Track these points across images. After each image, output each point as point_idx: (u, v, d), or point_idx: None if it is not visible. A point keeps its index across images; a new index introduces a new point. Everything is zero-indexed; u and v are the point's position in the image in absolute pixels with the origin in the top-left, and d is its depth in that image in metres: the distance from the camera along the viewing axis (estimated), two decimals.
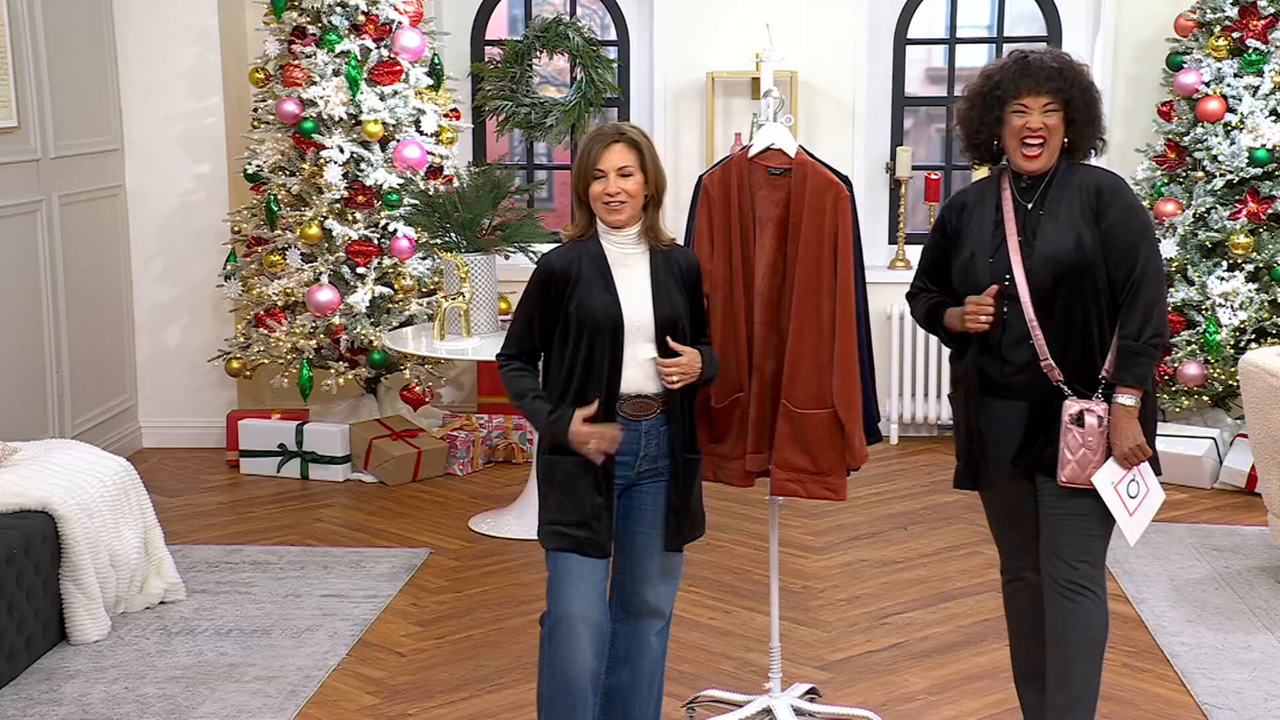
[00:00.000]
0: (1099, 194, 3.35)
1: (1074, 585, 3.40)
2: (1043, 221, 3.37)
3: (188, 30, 6.77)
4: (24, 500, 4.47)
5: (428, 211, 5.96)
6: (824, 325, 3.66)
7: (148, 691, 4.22)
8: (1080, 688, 3.43)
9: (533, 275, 3.39)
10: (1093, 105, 3.38)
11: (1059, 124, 3.36)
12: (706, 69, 7.02)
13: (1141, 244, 3.34)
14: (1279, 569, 5.16)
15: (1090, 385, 3.36)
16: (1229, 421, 6.50)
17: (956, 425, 3.59)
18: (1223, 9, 6.31)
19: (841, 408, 3.67)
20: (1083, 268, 3.32)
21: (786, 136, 3.69)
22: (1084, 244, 3.32)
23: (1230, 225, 6.22)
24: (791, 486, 3.73)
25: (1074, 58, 3.43)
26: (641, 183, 3.33)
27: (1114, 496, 3.35)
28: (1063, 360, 3.35)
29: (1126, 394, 3.33)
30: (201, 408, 7.01)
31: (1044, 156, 3.37)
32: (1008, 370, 3.41)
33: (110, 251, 6.75)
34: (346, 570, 5.25)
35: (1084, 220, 3.34)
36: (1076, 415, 3.32)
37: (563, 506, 3.36)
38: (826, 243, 3.64)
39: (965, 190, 3.58)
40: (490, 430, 6.78)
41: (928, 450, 6.97)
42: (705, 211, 3.73)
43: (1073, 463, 3.34)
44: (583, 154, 3.35)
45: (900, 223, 7.20)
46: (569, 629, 3.34)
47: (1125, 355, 3.32)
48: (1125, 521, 3.37)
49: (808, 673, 4.34)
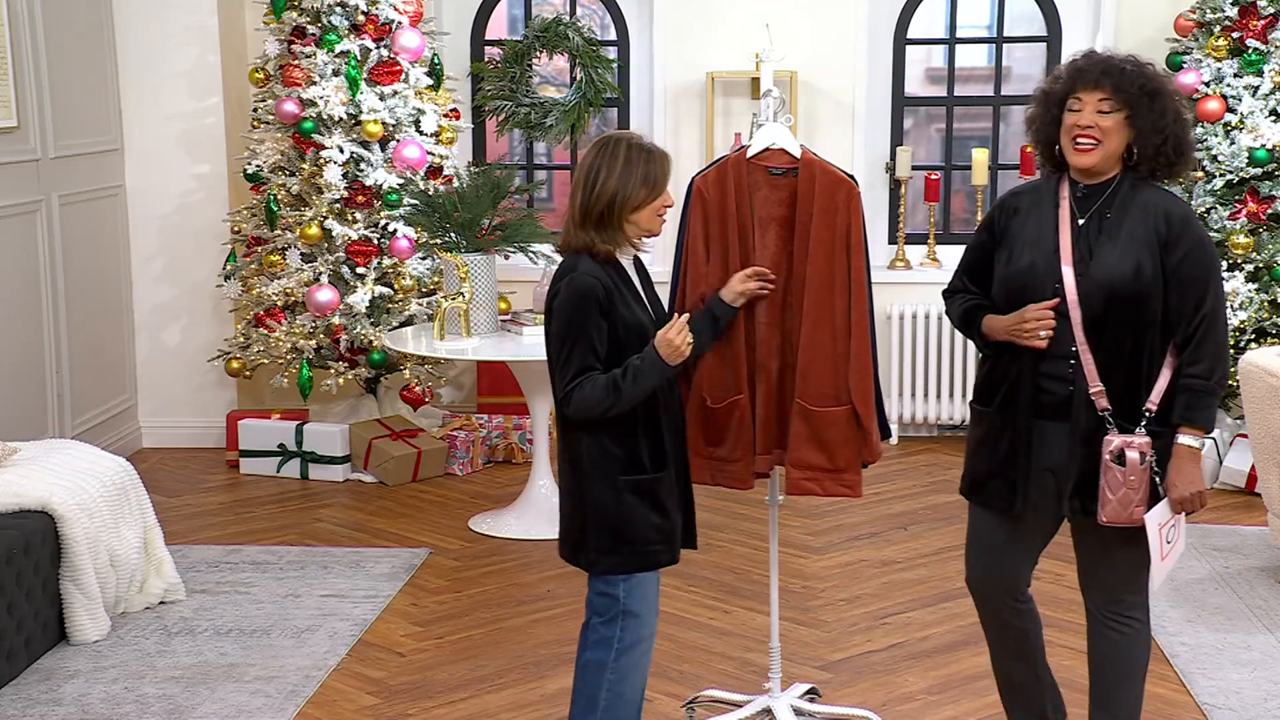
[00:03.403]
0: (1169, 221, 3.16)
1: (1119, 615, 3.35)
2: (1101, 240, 3.19)
3: (188, 30, 6.77)
4: (24, 500, 4.47)
5: (428, 211, 5.96)
6: (838, 322, 3.64)
7: (147, 691, 4.21)
8: (1125, 715, 3.41)
9: (576, 295, 3.19)
10: (1161, 115, 3.16)
11: (1116, 126, 3.17)
12: (706, 69, 7.02)
13: (1211, 279, 3.17)
14: (1279, 569, 5.16)
15: (1133, 418, 3.20)
16: (1229, 421, 6.50)
17: (982, 439, 3.39)
18: (1223, 9, 6.31)
19: (859, 403, 3.66)
20: (1139, 297, 3.14)
21: (788, 136, 3.69)
22: (1143, 273, 3.14)
23: (1230, 225, 6.22)
24: (809, 485, 3.70)
25: (1156, 68, 3.24)
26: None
27: (1157, 538, 3.21)
28: (1107, 388, 3.19)
29: (1193, 435, 3.17)
30: (201, 408, 7.01)
31: (1096, 154, 3.17)
32: (1045, 393, 3.25)
33: (110, 251, 6.75)
34: (346, 570, 5.25)
35: (1147, 247, 3.15)
36: (1118, 453, 3.15)
37: (656, 526, 3.29)
38: (839, 240, 3.63)
39: (1019, 191, 3.39)
40: (490, 430, 6.78)
41: (928, 450, 6.97)
42: (699, 214, 3.69)
43: (1114, 502, 3.18)
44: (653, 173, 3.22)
45: (900, 223, 7.20)
46: (646, 650, 3.35)
47: (1196, 396, 3.14)
48: (1156, 565, 3.24)
49: (808, 673, 4.34)
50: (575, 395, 3.18)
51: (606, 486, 3.25)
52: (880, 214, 7.28)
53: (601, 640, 3.32)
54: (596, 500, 3.26)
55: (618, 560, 3.28)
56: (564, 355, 3.19)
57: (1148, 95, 3.17)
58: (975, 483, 3.42)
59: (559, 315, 3.21)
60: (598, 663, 3.32)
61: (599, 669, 3.32)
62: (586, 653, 3.35)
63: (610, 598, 3.30)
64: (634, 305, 3.28)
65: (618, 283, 3.25)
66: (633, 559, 3.28)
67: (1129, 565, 3.32)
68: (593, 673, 3.33)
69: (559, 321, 3.21)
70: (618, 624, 3.30)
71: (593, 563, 3.30)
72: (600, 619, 3.33)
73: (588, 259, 3.24)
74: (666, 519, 3.32)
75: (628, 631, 3.30)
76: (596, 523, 3.27)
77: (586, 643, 3.36)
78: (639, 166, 3.22)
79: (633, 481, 3.25)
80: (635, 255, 3.38)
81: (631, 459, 3.25)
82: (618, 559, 3.28)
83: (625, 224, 3.24)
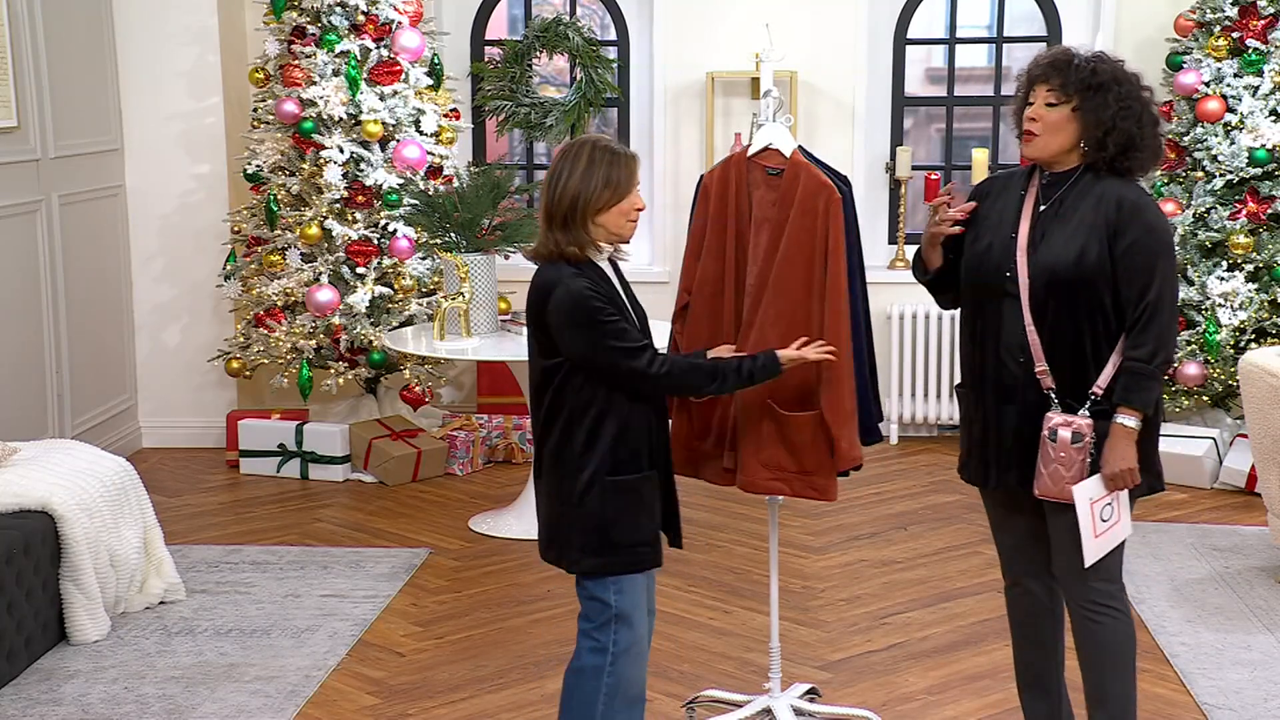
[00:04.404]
0: (1119, 208, 3.23)
1: (1093, 605, 3.36)
2: (1054, 225, 3.29)
3: (188, 30, 6.77)
4: (24, 500, 4.47)
5: (428, 211, 5.96)
6: (812, 328, 3.60)
7: (147, 691, 4.21)
8: (1119, 708, 3.41)
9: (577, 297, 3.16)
10: (1103, 108, 3.23)
11: (1062, 118, 3.26)
12: (706, 69, 7.02)
13: (1159, 264, 3.22)
14: (1279, 569, 5.16)
15: (1080, 398, 3.28)
16: (1229, 421, 6.50)
17: (962, 418, 3.53)
18: (1223, 9, 6.31)
19: (828, 410, 3.61)
20: (1078, 283, 3.23)
21: (785, 136, 3.68)
22: (1086, 258, 3.22)
23: (1230, 225, 6.22)
24: (776, 485, 3.69)
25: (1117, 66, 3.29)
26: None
27: (1087, 513, 3.26)
28: (1053, 369, 3.28)
29: (1129, 415, 3.23)
30: (201, 408, 7.01)
31: (1036, 145, 3.28)
32: (1006, 372, 3.34)
33: (110, 251, 6.75)
34: (346, 570, 5.25)
35: (1095, 233, 3.23)
36: (1052, 430, 3.26)
37: (642, 527, 3.27)
38: (818, 245, 3.60)
39: (996, 177, 3.51)
40: (490, 430, 6.78)
41: (928, 450, 6.97)
42: (702, 209, 3.74)
43: (1045, 477, 3.28)
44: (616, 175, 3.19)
45: (900, 223, 7.20)
46: (640, 652, 3.32)
47: (1134, 378, 3.22)
48: (1089, 541, 3.28)
49: (808, 673, 4.34)
50: (672, 373, 3.25)
51: (594, 487, 3.22)
52: (880, 214, 7.28)
53: (597, 647, 3.29)
54: (583, 501, 3.23)
55: (604, 562, 3.25)
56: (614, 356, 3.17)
57: (1092, 89, 3.25)
58: (961, 461, 3.56)
59: (578, 323, 3.16)
60: (594, 668, 3.29)
61: (595, 674, 3.29)
62: (581, 659, 3.32)
63: (601, 603, 3.28)
64: (621, 309, 3.27)
65: (610, 288, 3.25)
66: (619, 560, 3.26)
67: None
68: (589, 679, 3.30)
69: (582, 329, 3.16)
70: (610, 629, 3.28)
71: (577, 564, 3.27)
72: (592, 625, 3.30)
73: (566, 266, 3.20)
74: (653, 519, 3.30)
75: (621, 636, 3.28)
76: (583, 524, 3.24)
77: (581, 650, 3.33)
78: (601, 168, 3.19)
79: (621, 482, 3.24)
80: (612, 260, 3.35)
81: (620, 459, 3.24)
82: (604, 560, 3.25)
83: (591, 226, 3.20)
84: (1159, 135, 3.33)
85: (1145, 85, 3.33)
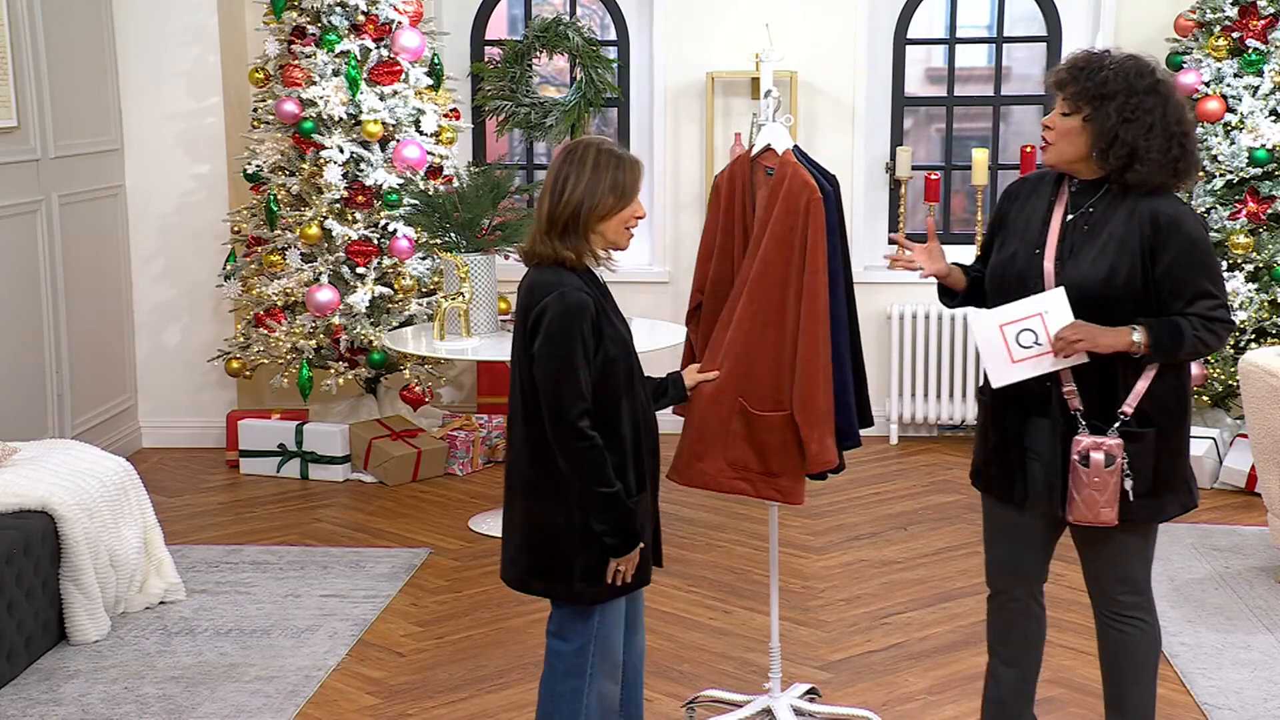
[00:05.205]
0: (1155, 225, 3.12)
1: (1121, 616, 3.35)
2: (1083, 240, 3.19)
3: (187, 30, 6.77)
4: (24, 500, 4.47)
5: (428, 211, 5.96)
6: (786, 327, 3.57)
7: (147, 691, 4.22)
8: (1137, 717, 3.42)
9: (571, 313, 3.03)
10: (1106, 119, 3.13)
11: (1074, 127, 3.18)
12: (706, 69, 7.02)
13: (1206, 277, 3.13)
14: (1279, 569, 5.16)
15: (1107, 419, 3.19)
16: (1229, 421, 6.50)
17: (980, 426, 3.46)
18: (1223, 9, 6.31)
19: (799, 410, 3.57)
20: (1107, 302, 3.13)
21: (782, 136, 3.68)
22: (1116, 278, 3.12)
23: (1230, 225, 6.22)
24: (739, 484, 3.65)
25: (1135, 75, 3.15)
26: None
27: (997, 336, 3.14)
28: (1081, 389, 3.20)
29: (1141, 333, 3.10)
30: (201, 408, 7.01)
31: (1049, 153, 3.23)
32: (1033, 390, 3.25)
33: (110, 251, 6.75)
34: (346, 570, 5.25)
35: (1128, 251, 3.12)
36: (1084, 454, 3.16)
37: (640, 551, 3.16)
38: (797, 245, 3.56)
39: (1026, 178, 3.42)
40: (490, 430, 6.78)
41: (928, 450, 6.97)
42: (714, 209, 3.76)
43: (1079, 503, 3.19)
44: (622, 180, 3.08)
45: (900, 223, 7.20)
46: (614, 675, 3.25)
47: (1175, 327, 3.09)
48: (1000, 363, 3.16)
49: (807, 673, 4.34)
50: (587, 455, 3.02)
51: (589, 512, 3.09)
52: (880, 214, 7.28)
53: (573, 669, 3.18)
54: (581, 528, 3.09)
55: (603, 590, 3.13)
56: (560, 381, 3.02)
57: (1099, 99, 3.15)
58: (976, 468, 3.50)
59: (553, 335, 3.02)
60: (573, 690, 3.18)
61: (574, 697, 3.19)
62: (559, 681, 3.20)
63: (584, 625, 3.17)
64: (615, 319, 3.16)
65: (600, 296, 3.14)
66: (620, 587, 3.15)
67: (1123, 565, 3.33)
68: (568, 702, 3.19)
69: (554, 343, 3.02)
70: (590, 651, 3.18)
71: (579, 594, 3.13)
72: (570, 646, 3.19)
73: (568, 272, 3.09)
74: (645, 541, 3.18)
75: (599, 658, 3.19)
76: (583, 551, 3.10)
77: (557, 670, 3.21)
78: (607, 173, 3.08)
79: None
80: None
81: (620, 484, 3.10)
82: (602, 588, 3.13)
83: (591, 234, 3.10)
84: (1179, 148, 3.15)
85: (1170, 95, 3.18)
